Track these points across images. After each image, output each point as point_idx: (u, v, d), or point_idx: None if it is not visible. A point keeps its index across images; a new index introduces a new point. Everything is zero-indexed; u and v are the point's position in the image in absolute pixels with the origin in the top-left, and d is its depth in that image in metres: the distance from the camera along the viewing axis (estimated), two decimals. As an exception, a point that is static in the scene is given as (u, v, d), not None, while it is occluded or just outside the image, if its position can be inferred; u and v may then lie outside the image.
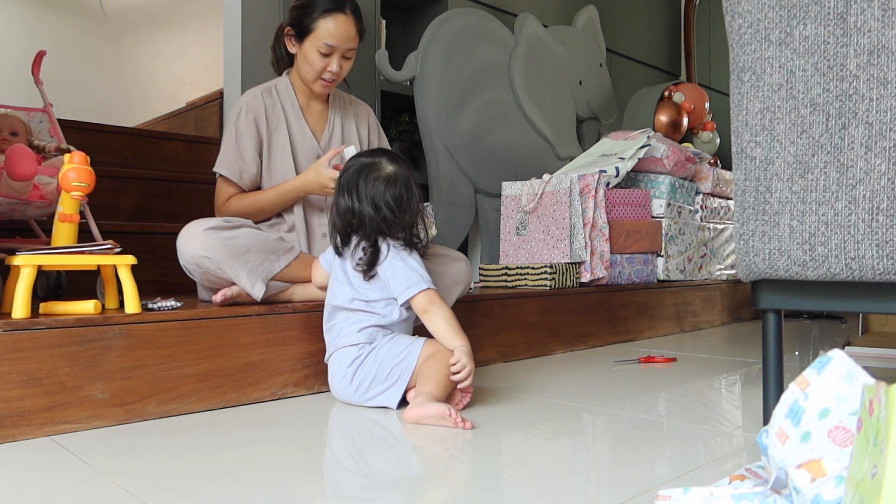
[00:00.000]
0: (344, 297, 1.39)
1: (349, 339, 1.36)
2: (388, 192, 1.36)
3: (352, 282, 1.39)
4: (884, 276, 0.98)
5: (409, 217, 1.38)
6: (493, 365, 1.92)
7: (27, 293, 1.20)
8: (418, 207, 1.40)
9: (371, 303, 1.37)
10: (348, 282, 1.39)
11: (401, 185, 1.38)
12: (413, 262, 1.36)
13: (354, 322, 1.37)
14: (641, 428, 1.25)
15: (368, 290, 1.37)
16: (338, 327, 1.39)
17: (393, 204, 1.36)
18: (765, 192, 1.07)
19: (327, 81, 1.68)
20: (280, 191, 1.67)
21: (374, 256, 1.36)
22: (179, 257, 1.49)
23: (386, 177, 1.38)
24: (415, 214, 1.39)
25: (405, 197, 1.38)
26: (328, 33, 1.62)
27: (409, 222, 1.38)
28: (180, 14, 4.30)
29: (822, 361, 0.73)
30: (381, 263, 1.36)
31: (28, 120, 1.87)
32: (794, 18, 1.04)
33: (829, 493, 0.63)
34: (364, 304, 1.37)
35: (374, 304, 1.37)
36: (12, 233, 1.72)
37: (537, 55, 3.10)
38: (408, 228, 1.38)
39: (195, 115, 3.12)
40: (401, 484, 0.94)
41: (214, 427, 1.22)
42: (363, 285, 1.37)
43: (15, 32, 3.63)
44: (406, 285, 1.34)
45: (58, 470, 0.98)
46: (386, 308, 1.38)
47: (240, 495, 0.87)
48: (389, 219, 1.36)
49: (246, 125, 1.67)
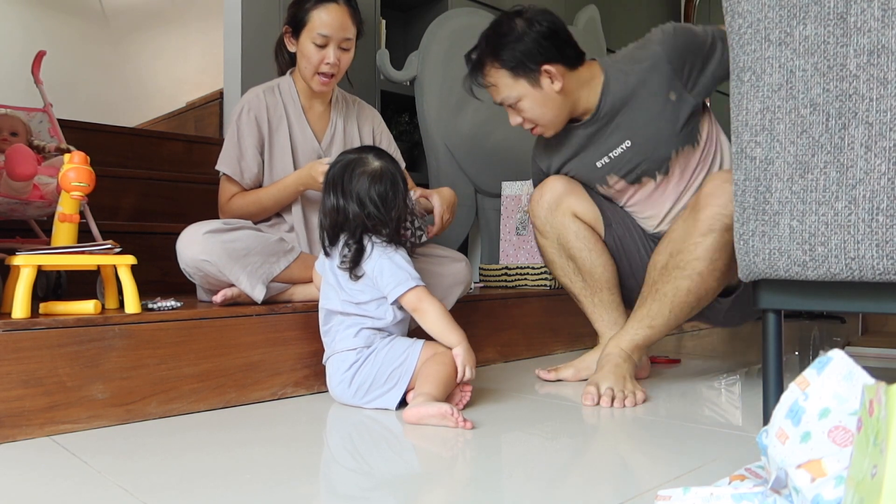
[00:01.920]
0: (335, 301, 1.37)
1: (346, 344, 1.35)
2: (374, 188, 1.34)
3: (341, 284, 1.37)
4: (884, 276, 0.98)
5: (394, 213, 1.36)
6: (493, 365, 1.91)
7: (27, 293, 1.20)
8: (406, 204, 1.38)
9: (362, 305, 1.36)
10: (338, 284, 1.37)
11: (386, 181, 1.36)
12: (399, 260, 1.35)
13: (349, 326, 1.36)
14: (641, 428, 1.25)
15: (358, 292, 1.36)
16: (334, 331, 1.39)
17: (378, 200, 1.34)
18: (765, 192, 1.07)
19: (326, 76, 1.67)
20: (280, 186, 1.67)
21: (359, 254, 1.34)
22: (179, 261, 1.48)
23: (371, 172, 1.36)
24: (401, 211, 1.37)
25: (391, 193, 1.36)
26: (321, 23, 1.62)
27: (394, 219, 1.36)
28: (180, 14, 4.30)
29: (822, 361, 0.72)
30: (367, 262, 1.34)
31: (28, 120, 1.87)
32: (794, 18, 1.04)
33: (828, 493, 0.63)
34: (355, 307, 1.36)
35: (364, 305, 1.36)
36: (12, 233, 1.72)
37: (537, 55, 3.10)
38: (393, 225, 1.36)
39: (195, 115, 3.12)
40: (400, 484, 0.94)
41: (214, 427, 1.22)
42: (352, 287, 1.36)
43: (15, 32, 3.63)
44: (394, 283, 1.32)
45: (58, 470, 0.98)
46: (378, 309, 1.36)
47: (240, 495, 0.87)
48: (374, 215, 1.34)
49: (247, 124, 1.67)
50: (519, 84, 1.56)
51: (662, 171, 1.61)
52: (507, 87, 1.57)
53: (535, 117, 1.60)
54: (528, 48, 1.53)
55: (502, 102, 1.61)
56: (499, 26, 1.58)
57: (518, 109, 1.60)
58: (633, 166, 1.62)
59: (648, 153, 1.60)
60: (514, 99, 1.58)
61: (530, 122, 1.62)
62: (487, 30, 1.61)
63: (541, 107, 1.58)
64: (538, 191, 1.72)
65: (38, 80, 1.96)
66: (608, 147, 1.63)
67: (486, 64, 1.57)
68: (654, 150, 1.59)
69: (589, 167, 1.67)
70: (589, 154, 1.66)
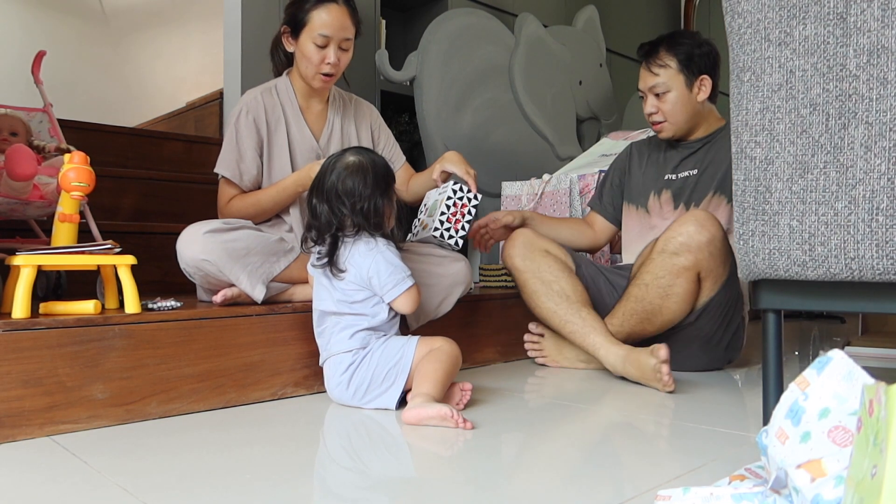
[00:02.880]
0: (328, 301, 1.37)
1: (342, 346, 1.35)
2: (349, 180, 1.34)
3: (333, 284, 1.37)
4: (883, 276, 0.98)
5: (365, 206, 1.34)
6: (493, 365, 1.92)
7: (27, 293, 1.20)
8: (380, 200, 1.35)
9: (356, 304, 1.35)
10: (330, 284, 1.37)
11: (359, 174, 1.34)
12: (392, 257, 1.34)
13: (344, 328, 1.36)
14: (641, 428, 1.25)
15: (353, 292, 1.35)
16: (328, 332, 1.38)
17: (348, 191, 1.33)
18: (764, 192, 1.07)
19: (326, 76, 1.67)
20: (279, 188, 1.67)
21: (333, 247, 1.35)
22: (179, 260, 1.48)
23: (345, 166, 1.35)
24: (368, 201, 1.34)
25: (359, 186, 1.34)
26: (322, 23, 1.63)
27: (366, 211, 1.34)
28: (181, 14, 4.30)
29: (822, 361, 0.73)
30: (352, 257, 1.34)
31: (28, 120, 1.87)
32: (793, 18, 1.04)
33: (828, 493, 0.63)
34: (349, 307, 1.35)
35: (359, 304, 1.35)
36: (12, 233, 1.72)
37: (537, 55, 3.10)
38: (362, 217, 1.34)
39: (195, 116, 3.12)
40: (400, 484, 0.94)
41: (214, 427, 1.22)
42: (344, 286, 1.35)
43: (14, 32, 3.63)
44: (392, 284, 1.33)
45: (58, 470, 0.98)
46: (373, 308, 1.36)
47: (239, 495, 0.88)
48: (348, 206, 1.33)
49: (246, 126, 1.68)
50: (678, 78, 1.81)
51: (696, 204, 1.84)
52: (668, 75, 1.81)
53: (671, 112, 1.83)
54: (701, 55, 1.81)
55: (652, 88, 1.83)
56: (683, 34, 1.87)
57: (662, 99, 1.83)
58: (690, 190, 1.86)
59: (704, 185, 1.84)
60: (665, 88, 1.82)
61: (663, 115, 1.85)
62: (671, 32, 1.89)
63: (682, 105, 1.83)
64: (511, 241, 1.86)
65: (38, 80, 1.96)
66: (680, 169, 1.90)
67: (662, 49, 1.82)
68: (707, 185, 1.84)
69: (659, 178, 1.93)
70: (663, 170, 1.93)
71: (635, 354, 1.58)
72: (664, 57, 1.81)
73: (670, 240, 1.61)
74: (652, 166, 1.97)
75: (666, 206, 1.90)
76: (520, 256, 1.83)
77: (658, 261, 1.63)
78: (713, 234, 1.59)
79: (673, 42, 1.82)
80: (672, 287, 1.62)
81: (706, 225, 1.58)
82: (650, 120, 1.88)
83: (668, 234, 1.63)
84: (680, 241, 1.59)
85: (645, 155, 2.02)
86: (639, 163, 2.02)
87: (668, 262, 1.61)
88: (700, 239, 1.58)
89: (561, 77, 3.23)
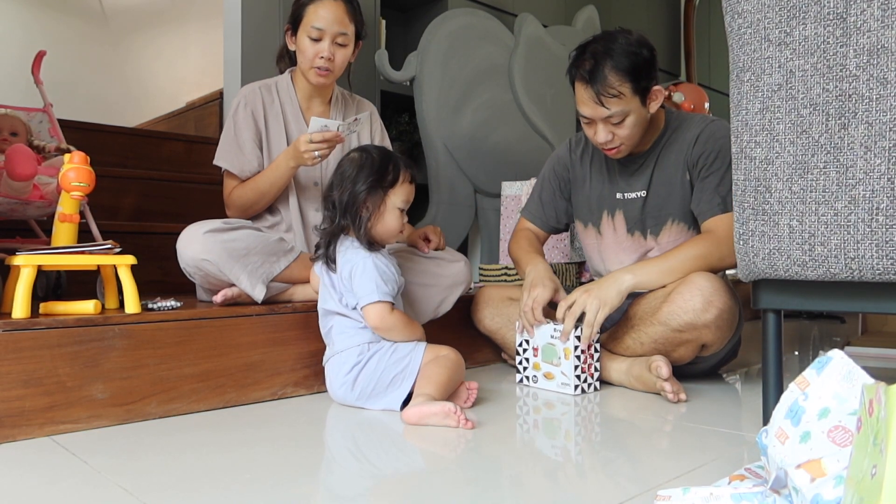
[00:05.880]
0: (331, 301, 1.38)
1: (347, 343, 1.35)
2: (345, 167, 1.37)
3: (335, 285, 1.37)
4: (883, 276, 0.98)
5: (346, 196, 1.34)
6: (492, 365, 1.92)
7: (27, 293, 1.20)
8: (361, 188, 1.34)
9: (354, 310, 1.35)
10: (331, 285, 1.38)
11: (354, 162, 1.37)
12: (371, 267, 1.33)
13: (349, 326, 1.36)
14: (641, 428, 1.25)
15: (351, 297, 1.35)
16: (334, 331, 1.38)
17: (339, 176, 1.37)
18: (764, 192, 1.07)
19: (321, 70, 1.67)
20: (272, 167, 1.66)
21: (329, 242, 1.37)
22: (179, 260, 1.48)
23: (349, 157, 1.39)
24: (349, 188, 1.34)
25: (349, 171, 1.35)
26: (315, 16, 1.64)
27: (345, 200, 1.34)
28: (180, 14, 4.30)
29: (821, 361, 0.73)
30: (341, 256, 1.35)
31: (28, 120, 1.87)
32: (793, 18, 1.04)
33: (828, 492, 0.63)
34: (348, 309, 1.36)
35: (355, 310, 1.35)
36: (12, 233, 1.72)
37: (537, 55, 3.10)
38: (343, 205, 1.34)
39: (195, 115, 3.12)
40: (400, 484, 0.94)
41: (214, 427, 1.22)
42: (343, 290, 1.36)
43: (14, 32, 3.63)
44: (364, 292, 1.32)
45: (58, 470, 0.98)
46: None
47: (239, 495, 0.88)
48: (336, 193, 1.35)
49: (244, 119, 1.69)
50: (633, 101, 1.51)
51: (653, 233, 1.68)
52: (623, 103, 1.49)
53: (629, 136, 1.55)
54: (645, 62, 1.50)
55: (608, 119, 1.52)
56: (615, 38, 1.51)
57: (620, 125, 1.53)
58: (640, 215, 1.69)
59: (656, 210, 1.67)
60: (622, 115, 1.51)
61: (620, 140, 1.56)
62: (597, 40, 1.53)
63: (640, 125, 1.55)
64: (474, 307, 1.84)
65: (38, 80, 1.96)
66: (629, 187, 1.70)
67: (608, 71, 1.47)
68: (659, 210, 1.67)
69: (611, 196, 1.73)
70: (614, 185, 1.73)
71: (637, 369, 1.53)
72: (615, 83, 1.48)
73: (674, 315, 1.47)
74: (600, 181, 1.75)
75: (620, 229, 1.72)
76: (488, 318, 1.80)
77: (660, 330, 1.51)
78: (720, 310, 1.45)
79: (614, 56, 1.48)
80: (671, 353, 1.53)
81: (713, 301, 1.44)
82: (603, 147, 1.59)
83: (672, 308, 1.47)
84: (685, 319, 1.46)
85: (588, 161, 1.78)
86: (583, 173, 1.79)
87: (670, 334, 1.50)
88: (706, 318, 1.45)
89: (561, 77, 3.22)
